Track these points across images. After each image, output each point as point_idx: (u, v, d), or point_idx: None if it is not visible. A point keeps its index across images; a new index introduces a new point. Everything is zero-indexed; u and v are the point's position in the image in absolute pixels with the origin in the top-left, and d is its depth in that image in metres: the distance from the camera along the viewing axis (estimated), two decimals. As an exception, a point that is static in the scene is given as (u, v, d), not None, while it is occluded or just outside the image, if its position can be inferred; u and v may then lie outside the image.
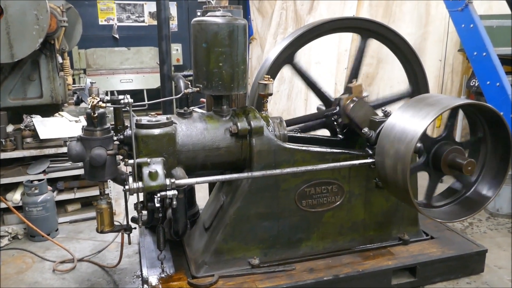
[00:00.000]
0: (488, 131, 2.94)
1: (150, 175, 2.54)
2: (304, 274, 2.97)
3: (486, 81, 4.01)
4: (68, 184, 4.43)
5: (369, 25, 3.49)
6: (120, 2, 10.23)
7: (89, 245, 3.94)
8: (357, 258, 3.17)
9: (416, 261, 3.14)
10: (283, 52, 3.33)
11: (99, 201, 2.80)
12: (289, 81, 7.25)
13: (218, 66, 2.85)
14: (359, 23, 3.50)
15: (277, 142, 2.95)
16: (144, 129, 2.69)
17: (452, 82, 6.18)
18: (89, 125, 2.63)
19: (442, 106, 2.63)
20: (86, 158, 2.60)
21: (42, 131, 4.17)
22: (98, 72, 9.50)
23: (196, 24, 2.87)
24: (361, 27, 3.49)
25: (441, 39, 5.99)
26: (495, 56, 3.97)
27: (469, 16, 4.06)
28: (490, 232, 4.11)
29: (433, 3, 5.91)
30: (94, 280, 3.40)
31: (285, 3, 7.78)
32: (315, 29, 3.36)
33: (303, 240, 3.15)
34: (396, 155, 2.66)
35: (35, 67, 4.73)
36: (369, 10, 6.29)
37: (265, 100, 3.10)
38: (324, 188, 3.11)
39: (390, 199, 3.27)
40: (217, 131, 2.91)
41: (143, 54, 9.91)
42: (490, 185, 2.97)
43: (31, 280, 3.40)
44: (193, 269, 2.97)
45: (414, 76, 3.64)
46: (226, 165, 2.99)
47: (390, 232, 3.37)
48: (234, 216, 2.95)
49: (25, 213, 3.95)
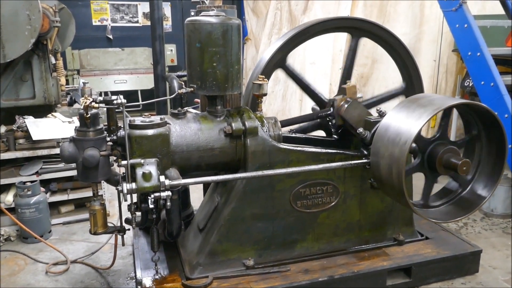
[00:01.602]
0: (483, 131, 2.95)
1: (144, 176, 2.52)
2: (299, 275, 2.96)
3: (481, 81, 4.02)
4: (61, 185, 4.39)
5: (359, 24, 3.48)
6: (114, 3, 10.19)
7: (82, 246, 3.91)
8: (352, 259, 3.16)
9: (411, 261, 3.14)
10: (274, 56, 3.32)
11: (92, 202, 2.77)
12: (284, 81, 7.25)
13: (212, 66, 2.83)
14: (349, 23, 3.50)
15: (272, 143, 2.93)
16: (138, 130, 2.66)
17: (447, 82, 6.20)
18: (82, 125, 2.61)
19: (437, 106, 2.62)
20: (79, 159, 2.58)
21: (35, 132, 4.14)
22: (92, 73, 9.45)
23: (190, 24, 2.85)
24: (352, 27, 3.48)
25: (436, 39, 6.01)
26: (489, 56, 3.98)
27: (463, 16, 4.07)
28: (485, 233, 4.12)
29: (427, 3, 5.93)
30: (88, 282, 3.37)
31: (279, 3, 7.78)
32: (305, 31, 3.35)
33: (298, 241, 3.14)
34: (391, 157, 2.65)
35: (27, 68, 4.70)
36: (364, 11, 6.29)
37: (259, 101, 3.09)
38: (319, 189, 3.10)
39: (385, 200, 3.27)
40: (211, 132, 2.89)
41: (137, 55, 9.88)
42: (485, 185, 2.98)
43: (23, 282, 3.37)
44: (187, 270, 2.95)
45: (406, 71, 3.63)
46: (220, 165, 2.97)
47: (385, 232, 3.37)
48: (228, 217, 2.93)
49: (18, 215, 3.91)
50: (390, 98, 3.69)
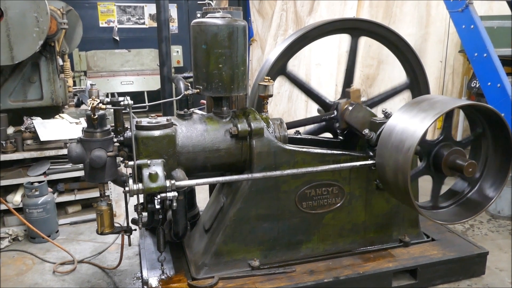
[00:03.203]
0: (489, 132, 2.93)
1: (150, 176, 2.53)
2: (305, 276, 2.96)
3: (487, 82, 4.01)
4: (68, 186, 4.43)
5: (359, 24, 3.48)
6: (121, 4, 10.24)
7: (89, 246, 3.94)
8: (357, 260, 3.16)
9: (417, 263, 3.13)
10: (275, 64, 3.32)
11: (99, 202, 2.79)
12: (290, 83, 7.24)
13: (218, 68, 2.85)
14: (349, 24, 3.49)
15: (277, 144, 2.94)
16: (144, 131, 2.68)
17: (453, 83, 6.18)
18: (89, 126, 2.63)
19: (442, 108, 2.62)
20: (86, 160, 2.60)
21: (42, 133, 4.17)
22: (98, 74, 9.51)
23: (196, 25, 2.86)
24: (351, 27, 3.48)
25: (442, 40, 5.99)
26: (495, 57, 3.96)
27: (469, 17, 4.05)
28: (491, 234, 4.10)
29: (433, 3, 5.91)
30: (94, 281, 3.39)
31: (285, 4, 7.78)
32: (306, 35, 3.35)
33: (303, 242, 3.14)
34: (395, 164, 2.65)
35: (35, 69, 4.74)
36: (370, 11, 6.29)
37: (265, 102, 3.10)
38: (325, 190, 3.11)
39: (391, 201, 3.26)
40: (217, 133, 2.91)
41: (143, 56, 9.92)
42: (491, 187, 2.96)
43: (31, 282, 3.39)
44: (193, 270, 2.96)
45: (410, 67, 3.62)
46: (226, 166, 2.98)
47: (391, 234, 3.36)
48: (234, 218, 2.94)
49: (26, 215, 3.95)
50: (395, 94, 3.68)
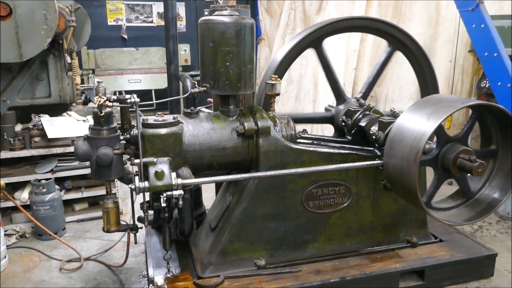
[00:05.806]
0: (499, 132, 2.89)
1: (156, 174, 2.53)
2: (311, 275, 2.94)
3: (497, 82, 3.96)
4: (75, 183, 4.45)
5: (368, 23, 3.47)
6: (129, 3, 10.27)
7: (95, 244, 3.95)
8: (364, 261, 3.13)
9: (425, 264, 3.10)
10: (306, 38, 3.30)
11: (105, 200, 2.79)
12: (297, 81, 7.22)
13: (225, 66, 2.84)
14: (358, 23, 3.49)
15: (284, 143, 2.92)
16: (151, 129, 2.68)
17: (463, 83, 6.12)
18: (95, 124, 2.63)
19: (451, 107, 2.58)
20: (92, 157, 2.60)
21: (50, 130, 4.19)
22: (106, 72, 9.54)
23: (203, 23, 2.85)
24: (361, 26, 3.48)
25: (451, 40, 5.93)
26: (506, 56, 3.91)
27: (480, 16, 4.01)
28: (500, 236, 4.05)
29: (443, 3, 5.86)
30: (101, 279, 3.40)
31: (293, 3, 7.75)
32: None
33: (309, 242, 3.13)
34: (403, 160, 2.62)
35: (43, 67, 4.76)
36: (378, 10, 6.25)
37: (272, 100, 3.08)
38: (332, 189, 3.08)
39: (398, 201, 3.23)
40: (223, 131, 2.89)
41: (151, 55, 9.94)
42: (501, 188, 2.92)
43: (38, 279, 3.41)
44: (199, 269, 2.96)
45: (418, 64, 3.60)
46: (232, 165, 2.97)
47: (398, 234, 3.33)
48: (240, 217, 2.93)
49: (33, 212, 3.97)
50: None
